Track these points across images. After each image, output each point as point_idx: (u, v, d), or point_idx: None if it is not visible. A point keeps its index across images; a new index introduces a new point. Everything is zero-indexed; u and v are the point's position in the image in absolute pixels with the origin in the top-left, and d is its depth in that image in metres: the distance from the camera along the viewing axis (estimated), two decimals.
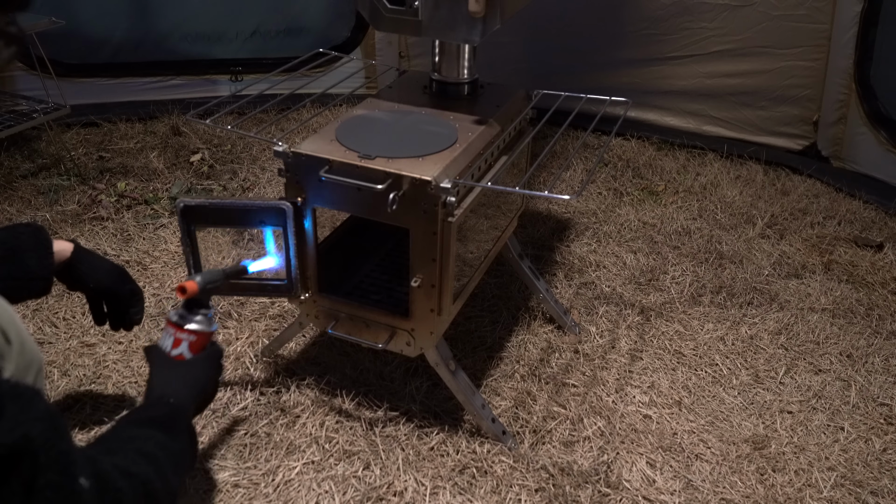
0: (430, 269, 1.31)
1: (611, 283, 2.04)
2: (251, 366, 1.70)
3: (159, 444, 0.94)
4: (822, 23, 2.57)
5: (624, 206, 2.45)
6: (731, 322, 1.90)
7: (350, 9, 3.06)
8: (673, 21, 2.75)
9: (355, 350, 1.72)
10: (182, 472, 1.02)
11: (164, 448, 0.94)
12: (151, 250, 2.11)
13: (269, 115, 2.52)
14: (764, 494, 1.43)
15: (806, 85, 2.68)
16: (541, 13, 2.84)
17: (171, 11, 2.97)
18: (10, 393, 0.59)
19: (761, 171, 2.68)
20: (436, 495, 1.39)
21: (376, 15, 1.37)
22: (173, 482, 0.92)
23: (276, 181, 2.50)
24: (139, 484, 0.80)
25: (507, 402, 1.62)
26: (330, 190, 1.29)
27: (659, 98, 2.90)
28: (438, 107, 1.50)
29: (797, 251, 2.22)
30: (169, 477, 0.90)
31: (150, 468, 0.86)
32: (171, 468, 0.92)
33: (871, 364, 1.78)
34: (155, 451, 0.92)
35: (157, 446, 0.93)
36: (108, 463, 0.77)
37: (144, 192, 2.41)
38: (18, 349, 0.98)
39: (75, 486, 0.64)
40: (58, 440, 0.62)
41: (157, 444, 0.94)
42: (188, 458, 1.04)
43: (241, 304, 1.89)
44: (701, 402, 1.65)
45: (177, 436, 1.01)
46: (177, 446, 0.99)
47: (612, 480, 1.44)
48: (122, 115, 2.87)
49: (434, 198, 1.23)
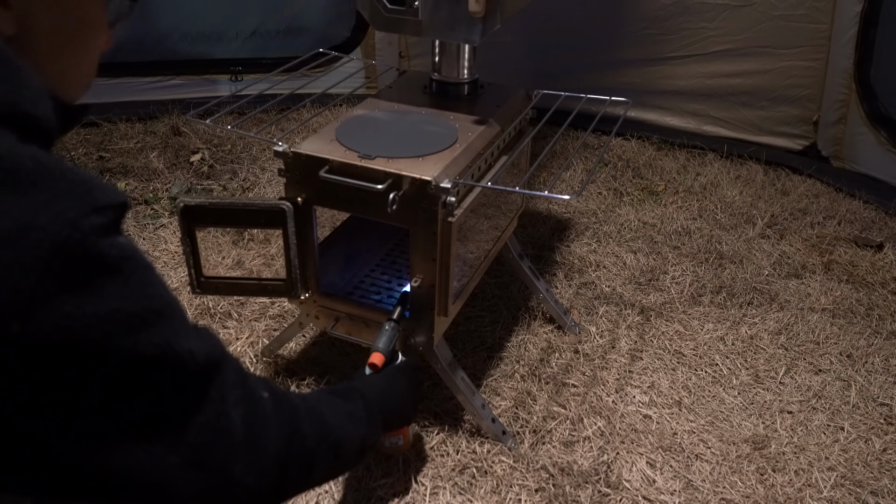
0: (430, 269, 1.31)
1: (611, 283, 2.04)
2: (251, 366, 1.70)
3: (329, 400, 0.96)
4: (822, 23, 2.57)
5: (624, 206, 2.45)
6: (731, 322, 1.90)
7: (350, 9, 3.06)
8: (673, 21, 2.75)
9: (355, 350, 1.72)
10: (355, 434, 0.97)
11: (334, 403, 0.96)
12: (151, 250, 2.11)
13: (269, 115, 2.52)
14: (764, 494, 1.43)
15: (806, 85, 2.68)
16: (541, 13, 2.84)
17: (171, 11, 2.97)
18: (195, 325, 0.66)
19: (761, 171, 2.68)
20: (436, 495, 1.39)
21: (376, 15, 1.37)
22: (348, 430, 0.93)
23: (276, 181, 2.50)
24: (311, 406, 0.86)
25: (507, 402, 1.62)
26: (330, 190, 1.29)
27: (659, 98, 2.90)
28: (438, 107, 1.50)
29: (797, 251, 2.22)
30: (341, 423, 0.92)
31: (318, 403, 0.90)
32: (342, 416, 0.93)
33: (871, 364, 1.78)
34: (322, 398, 0.95)
35: (327, 400, 0.95)
36: (279, 387, 0.83)
37: (144, 192, 2.41)
38: None
39: (256, 396, 0.73)
40: (237, 361, 0.72)
41: (328, 400, 0.96)
42: (362, 429, 0.99)
43: (241, 304, 1.89)
44: (701, 402, 1.65)
45: (352, 403, 1.01)
46: (349, 408, 0.99)
47: (612, 480, 1.44)
48: (122, 115, 2.87)
49: (434, 198, 1.23)
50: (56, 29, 0.62)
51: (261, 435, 0.71)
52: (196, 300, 1.89)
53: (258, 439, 0.71)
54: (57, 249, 0.51)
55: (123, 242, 0.57)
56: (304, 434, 0.80)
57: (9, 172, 0.52)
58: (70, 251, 0.52)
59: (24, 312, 0.51)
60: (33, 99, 0.58)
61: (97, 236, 0.54)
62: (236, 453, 0.67)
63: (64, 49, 0.64)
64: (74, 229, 0.52)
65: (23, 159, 0.53)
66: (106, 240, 0.55)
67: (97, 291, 0.54)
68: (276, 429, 0.74)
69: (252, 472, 0.69)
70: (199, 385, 0.64)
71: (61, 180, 0.54)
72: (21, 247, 0.50)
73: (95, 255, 0.54)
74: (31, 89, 0.58)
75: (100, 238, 0.54)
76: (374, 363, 1.26)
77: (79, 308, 0.53)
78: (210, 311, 1.86)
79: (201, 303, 1.88)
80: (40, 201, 0.52)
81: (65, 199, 0.53)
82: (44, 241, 0.51)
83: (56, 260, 0.51)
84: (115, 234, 0.57)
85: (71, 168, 0.56)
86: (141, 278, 0.58)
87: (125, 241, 0.58)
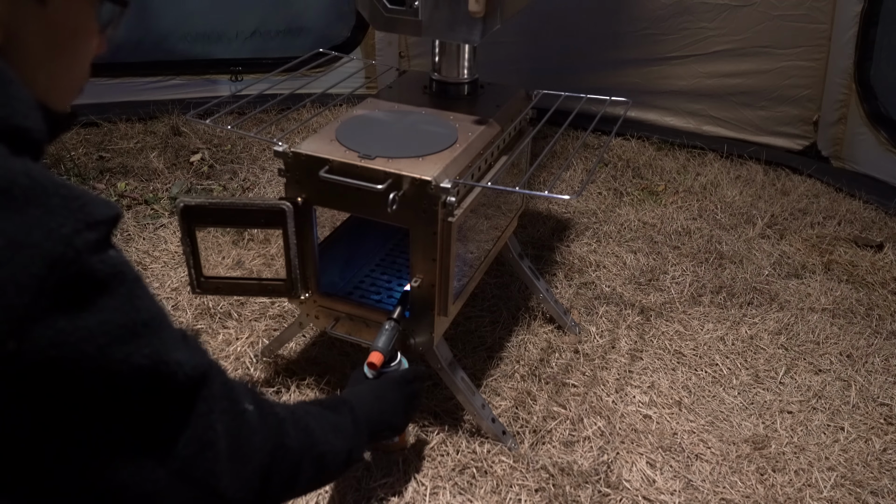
0: (430, 269, 1.31)
1: (611, 283, 2.04)
2: (251, 366, 1.70)
3: (317, 412, 0.96)
4: (822, 23, 2.57)
5: (624, 206, 2.45)
6: (731, 322, 1.90)
7: (350, 9, 3.06)
8: (673, 21, 2.75)
9: (355, 350, 1.72)
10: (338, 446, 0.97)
11: (321, 415, 0.96)
12: (151, 250, 2.11)
13: (269, 115, 2.52)
14: (764, 494, 1.43)
15: (806, 85, 2.68)
16: (541, 13, 2.84)
17: (171, 11, 2.97)
18: (184, 334, 0.66)
19: (761, 171, 2.68)
20: (436, 495, 1.39)
21: (376, 15, 1.37)
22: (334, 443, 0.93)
23: (276, 181, 2.50)
24: (297, 419, 0.87)
25: (507, 402, 1.62)
26: (330, 190, 1.29)
27: (659, 98, 2.90)
28: (438, 107, 1.50)
29: (797, 251, 2.22)
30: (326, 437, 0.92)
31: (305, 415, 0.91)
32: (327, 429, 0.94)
33: (871, 364, 1.78)
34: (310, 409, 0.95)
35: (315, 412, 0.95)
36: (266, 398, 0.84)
37: (144, 192, 2.41)
38: None
39: (241, 408, 0.73)
40: (223, 372, 0.72)
41: (315, 411, 0.96)
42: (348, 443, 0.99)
43: (241, 304, 1.89)
44: (701, 402, 1.65)
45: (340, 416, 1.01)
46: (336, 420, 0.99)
47: (612, 480, 1.44)
48: (122, 115, 2.88)
49: (434, 198, 1.23)
50: (43, 37, 0.61)
51: (245, 447, 0.72)
52: (196, 300, 1.89)
53: (242, 452, 0.71)
54: (51, 267, 0.52)
55: (114, 256, 0.58)
56: (288, 447, 0.80)
57: (2, 190, 0.52)
58: (64, 269, 0.52)
59: (20, 331, 0.51)
60: (24, 111, 0.57)
61: (90, 253, 0.54)
62: (221, 466, 0.68)
63: (52, 57, 0.63)
64: (68, 246, 0.53)
65: (16, 175, 0.53)
66: (98, 256, 0.55)
67: (90, 307, 0.55)
68: (261, 441, 0.75)
69: (236, 484, 0.70)
70: (187, 397, 0.65)
71: (54, 196, 0.54)
72: (15, 265, 0.50)
73: (88, 271, 0.54)
74: (21, 101, 0.57)
75: (92, 254, 0.55)
76: (373, 363, 1.26)
77: (73, 324, 0.53)
78: (210, 311, 1.86)
79: (201, 303, 1.88)
80: (34, 218, 0.52)
81: (58, 216, 0.53)
82: (38, 259, 0.51)
83: (51, 278, 0.52)
84: (106, 249, 0.57)
85: (63, 183, 0.56)
86: (130, 291, 0.59)
87: (115, 255, 0.58)
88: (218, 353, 1.73)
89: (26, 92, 0.59)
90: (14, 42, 0.59)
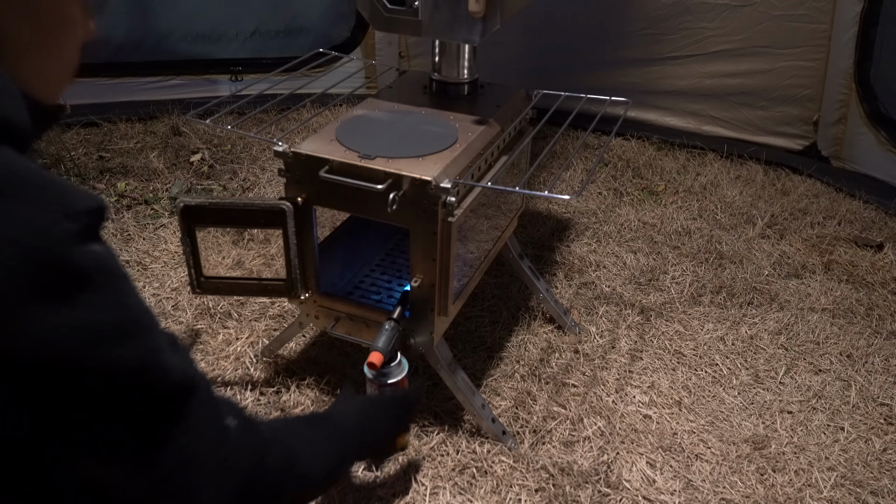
0: (430, 269, 1.31)
1: (611, 283, 2.04)
2: (251, 366, 1.70)
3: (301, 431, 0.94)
4: (822, 23, 2.57)
5: (624, 206, 2.45)
6: (731, 322, 1.90)
7: (350, 9, 3.06)
8: (673, 21, 2.75)
9: (355, 350, 1.72)
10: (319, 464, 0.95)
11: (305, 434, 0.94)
12: (151, 250, 2.11)
13: (269, 115, 2.52)
14: (764, 494, 1.43)
15: (806, 85, 2.68)
16: (541, 13, 2.84)
17: (171, 11, 2.97)
18: (173, 339, 0.64)
19: (761, 171, 2.68)
20: (436, 495, 1.39)
21: (376, 15, 1.37)
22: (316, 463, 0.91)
23: (276, 181, 2.50)
24: (281, 437, 0.85)
25: (507, 402, 1.62)
26: (330, 190, 1.29)
27: (659, 98, 2.90)
28: (438, 107, 1.50)
29: (797, 251, 2.22)
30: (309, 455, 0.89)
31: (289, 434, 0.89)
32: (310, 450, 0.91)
33: (871, 364, 1.78)
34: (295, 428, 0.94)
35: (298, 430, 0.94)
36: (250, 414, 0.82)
37: (144, 192, 2.41)
38: None
39: (224, 424, 0.71)
40: (209, 385, 0.69)
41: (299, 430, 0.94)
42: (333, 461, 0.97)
43: (241, 304, 1.89)
44: (701, 402, 1.65)
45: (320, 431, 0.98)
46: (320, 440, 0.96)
47: (612, 480, 1.44)
48: (122, 115, 2.87)
49: (434, 198, 1.23)
50: (28, 28, 0.59)
51: (226, 464, 0.70)
52: (196, 300, 1.89)
53: (223, 468, 0.69)
54: (25, 259, 0.50)
55: (99, 250, 0.55)
56: (268, 466, 0.78)
57: None
58: (39, 261, 0.50)
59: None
60: (5, 101, 0.56)
61: (69, 244, 0.52)
62: (202, 481, 0.66)
63: (38, 48, 0.61)
64: (44, 237, 0.51)
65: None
66: (79, 248, 0.53)
67: (71, 302, 0.52)
68: (243, 459, 0.73)
69: (216, 500, 0.68)
70: (175, 405, 0.62)
71: (30, 187, 0.52)
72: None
73: (68, 264, 0.52)
74: (3, 91, 0.56)
75: (72, 246, 0.52)
76: (373, 362, 1.26)
77: (53, 320, 0.51)
78: (210, 311, 1.86)
79: (201, 303, 1.88)
80: (8, 209, 0.50)
81: (33, 206, 0.51)
82: (11, 252, 0.49)
83: (25, 270, 0.49)
84: (90, 242, 0.55)
85: (43, 173, 0.54)
86: (116, 288, 0.56)
87: (101, 249, 0.55)
88: (218, 353, 1.73)
89: (9, 81, 0.57)
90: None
